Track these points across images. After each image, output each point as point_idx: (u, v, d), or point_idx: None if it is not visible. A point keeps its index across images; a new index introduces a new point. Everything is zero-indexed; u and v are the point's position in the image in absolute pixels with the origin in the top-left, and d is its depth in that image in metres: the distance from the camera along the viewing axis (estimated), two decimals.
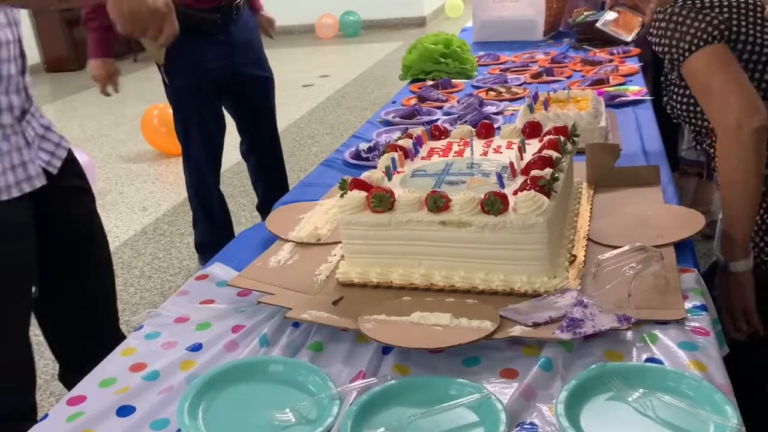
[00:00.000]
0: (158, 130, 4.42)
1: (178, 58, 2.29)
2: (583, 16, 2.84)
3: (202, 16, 2.29)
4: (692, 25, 1.30)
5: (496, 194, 1.02)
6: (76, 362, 1.70)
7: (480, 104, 2.12)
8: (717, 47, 1.29)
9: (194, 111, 2.45)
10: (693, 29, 1.29)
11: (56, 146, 1.46)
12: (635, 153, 1.59)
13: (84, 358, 1.58)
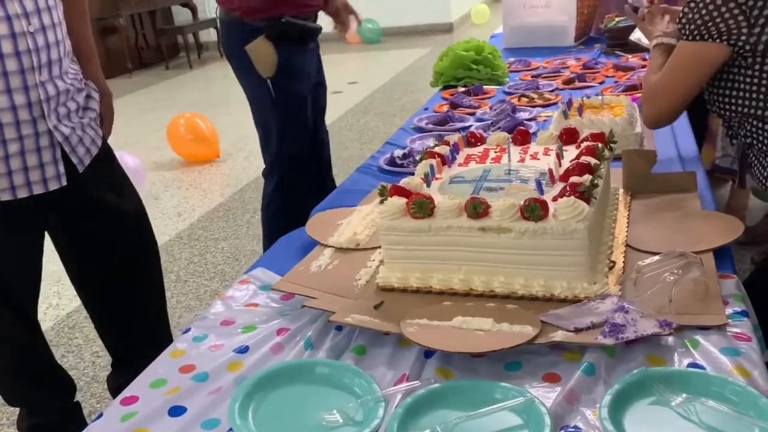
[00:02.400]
0: (184, 138, 4.49)
1: (286, 71, 2.29)
2: (615, 21, 2.83)
3: (307, 26, 2.32)
4: (709, 13, 1.41)
5: (536, 200, 1.03)
6: (128, 356, 1.76)
7: (513, 110, 2.13)
8: (710, 46, 1.42)
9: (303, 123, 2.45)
10: (707, 17, 1.41)
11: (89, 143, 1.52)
12: (671, 159, 1.60)
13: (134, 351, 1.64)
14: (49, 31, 1.38)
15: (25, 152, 1.39)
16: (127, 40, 8.05)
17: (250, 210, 3.62)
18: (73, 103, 1.48)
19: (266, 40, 2.22)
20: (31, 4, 1.34)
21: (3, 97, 1.32)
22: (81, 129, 1.50)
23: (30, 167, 1.40)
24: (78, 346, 2.43)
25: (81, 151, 1.51)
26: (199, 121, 4.54)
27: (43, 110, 1.39)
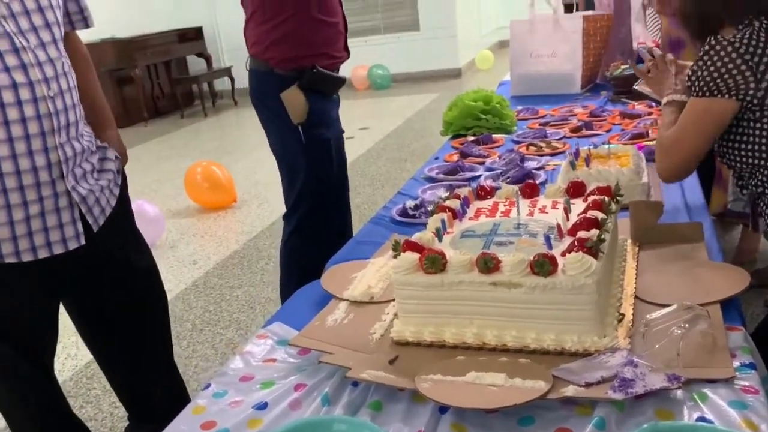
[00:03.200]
0: (201, 186, 4.58)
1: (315, 118, 2.42)
2: (620, 69, 2.89)
3: (337, 78, 2.45)
4: (717, 70, 1.47)
5: (545, 256, 1.07)
6: (143, 410, 1.79)
7: (521, 160, 2.17)
8: (720, 101, 1.48)
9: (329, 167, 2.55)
10: (716, 74, 1.47)
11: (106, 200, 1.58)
12: (677, 208, 1.62)
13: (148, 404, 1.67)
14: (66, 95, 1.45)
15: (45, 213, 1.44)
16: (143, 89, 8.23)
17: (265, 257, 3.67)
18: (88, 164, 1.54)
19: (298, 89, 2.36)
20: (50, 70, 1.41)
21: (24, 160, 1.38)
22: (99, 190, 1.56)
23: (50, 228, 1.45)
24: (96, 396, 2.46)
25: (96, 211, 1.56)
26: (216, 169, 4.64)
27: (62, 171, 1.45)
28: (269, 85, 2.40)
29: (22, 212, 1.41)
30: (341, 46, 2.52)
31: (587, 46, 3.10)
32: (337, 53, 2.46)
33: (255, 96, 2.51)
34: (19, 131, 1.36)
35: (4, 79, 1.33)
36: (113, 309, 1.68)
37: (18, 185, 1.39)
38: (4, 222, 1.40)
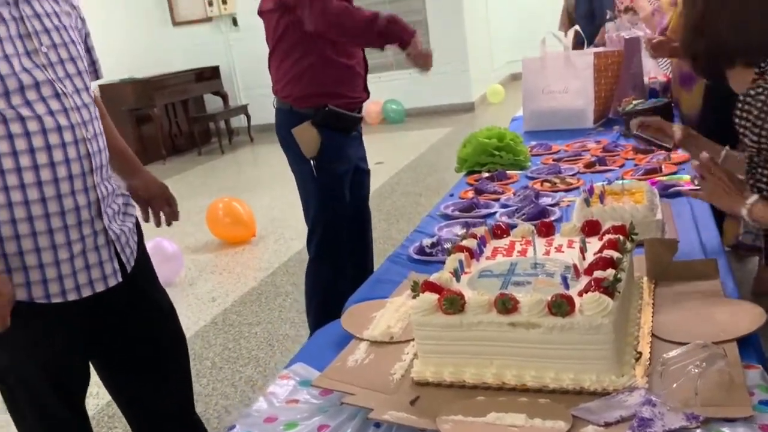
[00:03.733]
0: (223, 221, 4.66)
1: (327, 153, 2.51)
2: (632, 105, 2.92)
3: (348, 115, 2.55)
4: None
5: (563, 296, 1.09)
6: None
7: (536, 196, 2.20)
8: None
9: (340, 198, 2.64)
10: None
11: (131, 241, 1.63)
12: (692, 244, 1.64)
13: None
14: (99, 138, 1.53)
15: (87, 251, 1.49)
16: (162, 128, 8.37)
17: (282, 294, 3.70)
18: (115, 205, 1.60)
19: (311, 125, 2.49)
20: (86, 114, 1.49)
21: (68, 199, 1.44)
22: (127, 231, 1.62)
23: (91, 266, 1.50)
24: None
25: (128, 250, 1.61)
26: (237, 204, 4.73)
27: (99, 210, 1.51)
28: (288, 121, 2.54)
29: (67, 252, 1.46)
30: (359, 87, 2.59)
31: (598, 81, 3.14)
32: (354, 94, 2.54)
33: (277, 130, 2.64)
34: (63, 172, 1.42)
35: (50, 122, 1.40)
36: (138, 351, 1.71)
37: (62, 225, 1.44)
38: (51, 262, 1.44)
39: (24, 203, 1.39)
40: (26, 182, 1.39)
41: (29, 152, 1.39)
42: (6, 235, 1.40)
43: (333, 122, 2.51)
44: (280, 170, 2.62)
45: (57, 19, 1.49)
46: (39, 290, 1.44)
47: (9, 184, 1.38)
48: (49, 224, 1.42)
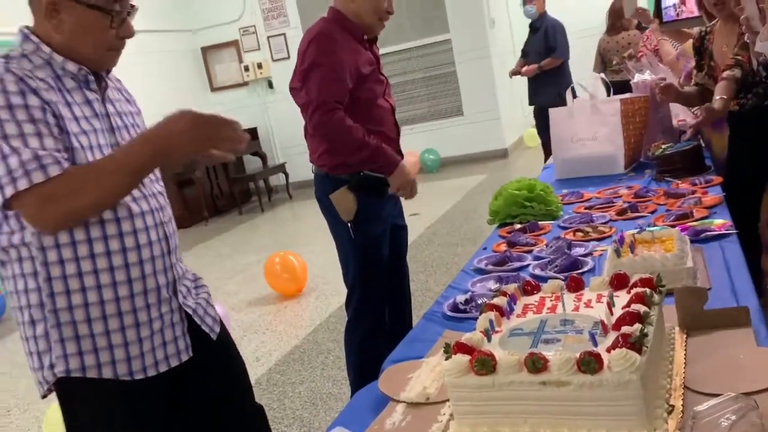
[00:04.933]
0: (281, 276, 4.79)
1: (363, 216, 2.62)
2: (661, 149, 2.95)
3: (382, 179, 2.66)
4: None
5: (591, 354, 1.11)
6: None
7: (568, 247, 2.22)
8: None
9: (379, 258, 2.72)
10: None
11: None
12: (724, 291, 1.64)
13: None
14: (173, 222, 1.68)
15: (164, 329, 1.58)
16: (203, 190, 8.63)
17: (324, 351, 3.74)
18: (188, 282, 1.72)
19: (347, 191, 2.60)
20: (162, 199, 1.64)
21: (151, 280, 1.55)
22: (204, 303, 1.72)
23: (167, 342, 1.59)
24: None
25: (208, 319, 1.71)
26: (292, 258, 4.89)
27: (176, 288, 1.62)
28: (325, 186, 2.66)
29: (148, 329, 1.55)
30: (391, 150, 2.68)
31: (627, 127, 3.17)
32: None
33: (315, 194, 2.76)
34: (147, 254, 1.54)
35: (136, 208, 1.53)
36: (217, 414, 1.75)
37: (145, 304, 1.54)
38: (134, 340, 1.53)
39: (112, 285, 1.50)
40: (114, 265, 1.50)
41: (118, 236, 1.50)
42: (94, 316, 1.49)
43: (368, 186, 2.60)
44: (319, 226, 2.72)
45: (131, 117, 1.65)
46: (123, 368, 1.53)
47: (99, 267, 1.48)
48: (134, 304, 1.52)
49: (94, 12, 1.49)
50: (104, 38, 1.53)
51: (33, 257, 1.46)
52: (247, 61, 9.93)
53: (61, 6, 1.48)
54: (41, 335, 1.50)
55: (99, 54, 1.55)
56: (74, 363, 1.49)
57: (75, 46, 1.51)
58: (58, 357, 1.49)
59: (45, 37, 1.50)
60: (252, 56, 9.94)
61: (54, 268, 1.46)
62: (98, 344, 1.50)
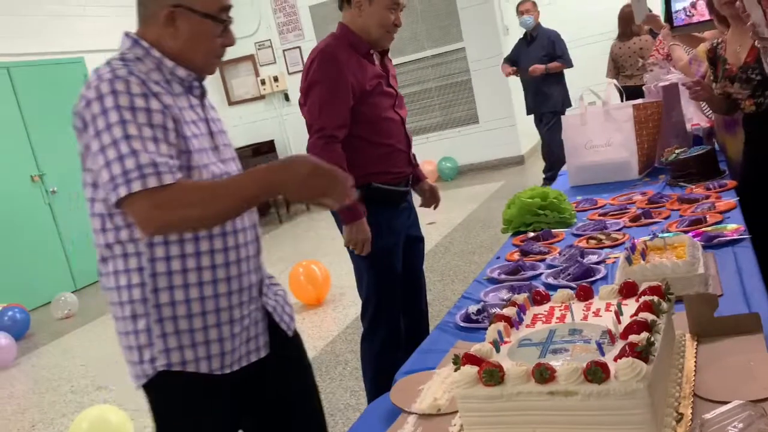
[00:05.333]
0: (305, 286, 4.85)
1: (375, 227, 2.63)
2: (675, 154, 2.94)
3: (392, 190, 2.68)
4: None
5: (597, 363, 1.12)
6: None
7: (581, 254, 2.22)
8: None
9: (392, 270, 2.75)
10: None
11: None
12: (736, 297, 1.64)
13: None
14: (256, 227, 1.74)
15: (250, 326, 1.65)
16: None
17: (342, 362, 3.76)
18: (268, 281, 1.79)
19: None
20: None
21: (245, 278, 1.62)
22: (282, 300, 1.79)
23: (250, 338, 1.66)
24: None
25: (286, 318, 1.78)
26: (315, 267, 4.94)
27: (261, 288, 1.70)
28: None
29: (239, 326, 1.62)
30: (402, 162, 2.69)
31: (640, 133, 3.16)
32: (397, 169, 2.64)
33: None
34: (244, 253, 1.62)
35: None
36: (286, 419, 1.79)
37: (239, 302, 1.61)
38: (228, 336, 1.60)
39: (212, 282, 1.57)
40: (216, 263, 1.57)
41: (222, 235, 1.57)
42: (194, 311, 1.55)
43: (379, 198, 2.61)
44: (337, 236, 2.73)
45: (220, 123, 1.73)
46: (217, 362, 1.60)
47: (202, 264, 1.55)
48: (230, 301, 1.59)
49: (208, 21, 1.58)
50: (213, 46, 1.62)
51: (140, 253, 1.52)
52: (264, 74, 10.03)
53: (178, 15, 1.56)
54: (143, 330, 1.55)
55: (207, 61, 1.64)
56: (175, 357, 1.56)
57: (187, 52, 1.59)
58: (159, 351, 1.55)
59: (155, 43, 1.58)
60: (268, 70, 10.05)
61: (160, 264, 1.52)
62: (197, 339, 1.57)
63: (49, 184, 7.42)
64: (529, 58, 7.03)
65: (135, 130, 1.42)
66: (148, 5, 1.59)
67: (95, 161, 1.45)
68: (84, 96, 1.47)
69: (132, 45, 1.59)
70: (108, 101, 1.43)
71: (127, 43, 1.60)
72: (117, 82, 1.44)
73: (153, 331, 1.54)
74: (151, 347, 1.55)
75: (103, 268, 1.59)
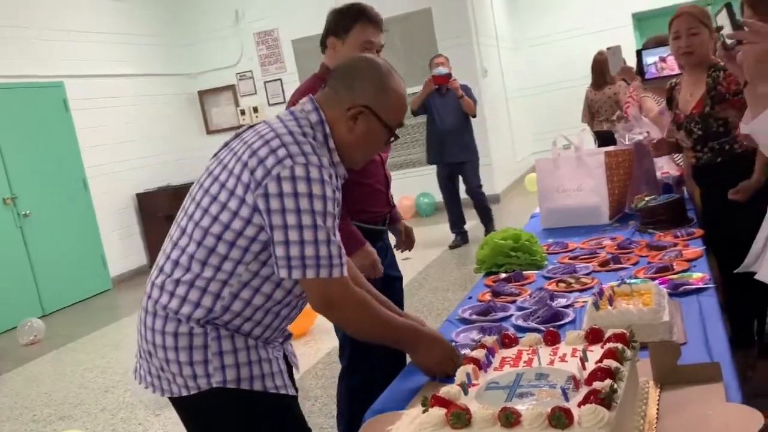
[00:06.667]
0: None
1: None
2: (645, 201, 3.01)
3: (374, 230, 2.71)
4: None
5: (561, 409, 1.15)
6: None
7: (551, 297, 2.26)
8: None
9: None
10: None
11: None
12: (699, 346, 1.68)
13: None
14: None
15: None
16: None
17: (311, 398, 3.73)
18: None
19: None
20: None
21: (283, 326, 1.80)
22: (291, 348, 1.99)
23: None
24: None
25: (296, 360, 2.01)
26: None
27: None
28: None
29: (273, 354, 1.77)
30: (381, 201, 2.72)
31: (611, 179, 3.23)
32: (375, 208, 2.67)
33: None
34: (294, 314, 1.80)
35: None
36: None
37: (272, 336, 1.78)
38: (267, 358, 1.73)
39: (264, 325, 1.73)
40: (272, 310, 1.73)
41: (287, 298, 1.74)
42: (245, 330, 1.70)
43: None
44: None
45: None
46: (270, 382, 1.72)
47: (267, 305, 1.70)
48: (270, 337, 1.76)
49: (384, 128, 1.73)
50: (376, 151, 1.84)
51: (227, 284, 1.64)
52: (244, 105, 10.08)
53: (362, 114, 1.70)
54: (199, 347, 1.63)
55: (363, 162, 1.81)
56: (230, 374, 1.64)
57: (353, 148, 1.73)
58: (216, 368, 1.63)
59: (331, 125, 1.70)
60: (248, 100, 10.10)
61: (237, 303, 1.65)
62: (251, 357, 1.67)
63: (22, 207, 7.34)
64: (445, 109, 6.88)
65: (321, 220, 1.57)
66: (341, 92, 1.71)
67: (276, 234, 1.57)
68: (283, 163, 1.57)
69: (318, 122, 1.69)
70: (301, 186, 1.55)
71: (314, 117, 1.70)
72: (324, 171, 1.58)
73: (210, 348, 1.63)
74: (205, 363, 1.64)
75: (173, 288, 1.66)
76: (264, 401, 1.69)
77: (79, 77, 8.25)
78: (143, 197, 8.70)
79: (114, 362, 5.34)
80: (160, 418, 3.98)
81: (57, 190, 7.76)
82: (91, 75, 8.42)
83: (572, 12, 11.83)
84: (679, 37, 2.86)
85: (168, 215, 8.21)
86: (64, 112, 8.02)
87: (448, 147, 6.99)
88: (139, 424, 3.95)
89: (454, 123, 6.89)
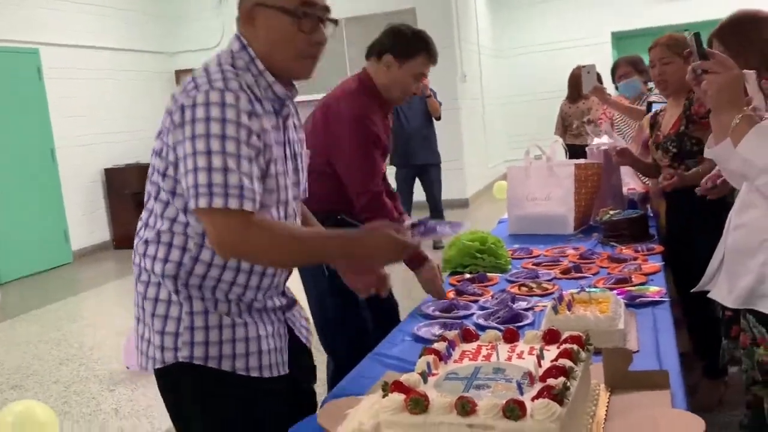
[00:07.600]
0: None
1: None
2: (609, 215, 3.09)
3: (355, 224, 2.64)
4: None
5: (515, 402, 1.20)
6: None
7: (512, 300, 2.32)
8: None
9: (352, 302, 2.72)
10: None
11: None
12: (650, 354, 1.75)
13: None
14: None
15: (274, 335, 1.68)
16: None
17: None
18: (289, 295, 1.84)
19: None
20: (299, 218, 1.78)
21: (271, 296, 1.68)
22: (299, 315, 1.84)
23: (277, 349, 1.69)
24: None
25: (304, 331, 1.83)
26: None
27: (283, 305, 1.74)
28: None
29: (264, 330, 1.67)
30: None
31: (579, 191, 3.32)
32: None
33: None
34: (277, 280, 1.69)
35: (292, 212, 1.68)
36: None
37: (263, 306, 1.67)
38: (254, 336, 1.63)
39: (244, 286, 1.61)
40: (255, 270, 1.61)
41: None
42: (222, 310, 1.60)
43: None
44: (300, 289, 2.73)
45: (299, 146, 1.72)
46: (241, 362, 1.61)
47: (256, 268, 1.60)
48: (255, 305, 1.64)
49: (283, 16, 1.52)
50: (294, 43, 1.54)
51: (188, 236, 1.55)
52: None
53: (255, 13, 1.54)
54: (173, 317, 1.57)
55: (290, 61, 1.57)
56: (198, 351, 1.56)
57: (270, 53, 1.55)
58: (184, 343, 1.56)
59: (252, 45, 1.56)
60: None
61: (206, 252, 1.55)
62: (224, 336, 1.58)
63: None
64: (413, 113, 6.93)
65: (233, 147, 1.43)
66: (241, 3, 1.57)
67: (184, 163, 1.45)
68: (189, 93, 1.47)
69: (240, 49, 1.57)
70: (215, 111, 1.43)
71: (236, 45, 1.58)
72: (227, 95, 1.45)
73: (183, 321, 1.57)
74: (176, 336, 1.57)
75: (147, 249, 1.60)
76: (233, 381, 1.60)
77: (56, 46, 8.12)
78: (111, 173, 8.59)
79: (69, 335, 5.28)
80: (114, 393, 3.96)
81: (23, 159, 7.62)
82: (68, 45, 8.29)
83: (554, 26, 12.02)
84: (654, 66, 3.01)
85: (135, 192, 8.12)
86: (37, 81, 7.88)
87: (414, 149, 7.04)
88: (92, 398, 3.92)
89: (420, 125, 6.95)
